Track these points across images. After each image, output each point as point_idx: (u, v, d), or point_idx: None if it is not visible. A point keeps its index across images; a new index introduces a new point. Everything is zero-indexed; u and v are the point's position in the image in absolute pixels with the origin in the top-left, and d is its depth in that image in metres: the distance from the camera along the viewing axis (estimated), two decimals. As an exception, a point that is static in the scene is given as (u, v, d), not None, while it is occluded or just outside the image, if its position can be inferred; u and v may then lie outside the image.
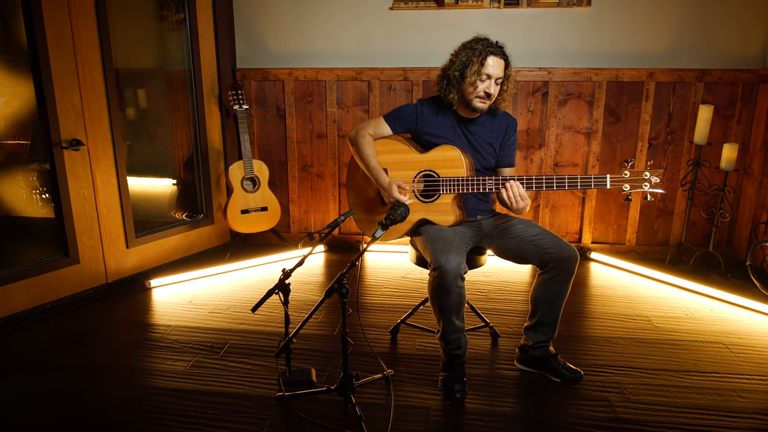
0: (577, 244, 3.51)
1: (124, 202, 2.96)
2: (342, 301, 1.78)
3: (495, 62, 2.05)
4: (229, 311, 2.71)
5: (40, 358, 2.29)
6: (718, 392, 2.05)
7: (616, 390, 2.06)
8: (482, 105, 2.09)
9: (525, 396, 2.04)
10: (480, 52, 2.04)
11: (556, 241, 2.02)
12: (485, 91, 2.06)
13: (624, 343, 2.40)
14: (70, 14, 2.59)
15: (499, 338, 2.43)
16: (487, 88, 2.06)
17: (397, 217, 1.86)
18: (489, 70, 2.04)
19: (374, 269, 3.30)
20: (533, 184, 2.00)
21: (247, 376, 2.15)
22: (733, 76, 3.16)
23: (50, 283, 2.70)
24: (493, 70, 2.05)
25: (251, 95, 3.51)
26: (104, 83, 2.78)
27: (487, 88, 2.06)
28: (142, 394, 2.04)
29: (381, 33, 3.38)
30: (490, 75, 2.05)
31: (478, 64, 2.04)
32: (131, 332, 2.52)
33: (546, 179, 1.97)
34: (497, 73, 2.06)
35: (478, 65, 2.04)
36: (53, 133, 2.60)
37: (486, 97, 2.08)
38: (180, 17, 3.22)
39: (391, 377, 2.11)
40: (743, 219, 3.29)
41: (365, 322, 2.59)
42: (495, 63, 2.05)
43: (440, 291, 1.92)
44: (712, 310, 2.73)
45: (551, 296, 2.04)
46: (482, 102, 2.08)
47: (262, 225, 3.33)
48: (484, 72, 2.04)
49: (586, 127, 3.35)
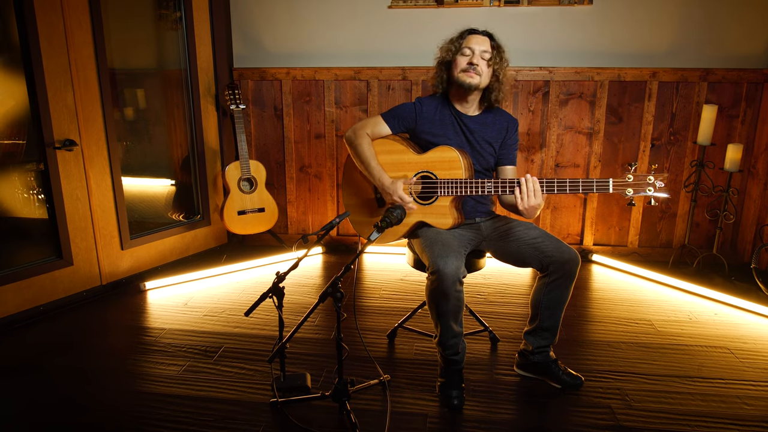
0: (579, 246, 3.46)
1: (119, 203, 2.92)
2: (337, 306, 1.74)
3: (476, 37, 2.08)
4: (225, 314, 2.67)
5: (31, 361, 2.26)
6: (723, 399, 2.00)
7: (618, 397, 2.01)
8: (470, 79, 2.05)
9: (525, 403, 1.99)
10: (460, 34, 2.11)
11: (557, 244, 1.97)
12: (469, 62, 2.05)
13: (626, 348, 2.35)
14: (63, 12, 2.55)
15: (498, 343, 2.39)
16: (470, 59, 2.05)
17: (394, 219, 1.82)
18: (471, 44, 2.06)
19: (372, 271, 3.26)
20: None
21: (241, 381, 2.11)
22: (737, 76, 3.11)
23: (43, 285, 2.66)
24: (475, 45, 2.06)
25: (248, 95, 3.47)
26: (98, 82, 2.74)
27: (470, 59, 2.05)
28: (133, 399, 1.99)
29: (380, 32, 3.34)
30: (471, 48, 2.05)
31: (458, 41, 2.09)
32: (124, 335, 2.48)
33: (546, 182, 1.88)
34: (480, 48, 2.06)
35: (458, 43, 2.08)
36: (46, 133, 2.56)
37: (470, 68, 2.04)
38: (176, 16, 3.18)
39: (387, 383, 2.07)
40: (748, 221, 3.24)
41: (362, 326, 2.55)
42: (476, 38, 2.08)
43: (438, 295, 1.87)
44: (716, 314, 2.68)
45: (552, 300, 1.99)
46: (469, 75, 2.04)
47: (259, 226, 3.29)
48: (465, 46, 2.06)
49: (587, 127, 3.31)
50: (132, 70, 3.28)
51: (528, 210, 1.92)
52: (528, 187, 1.87)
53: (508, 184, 1.94)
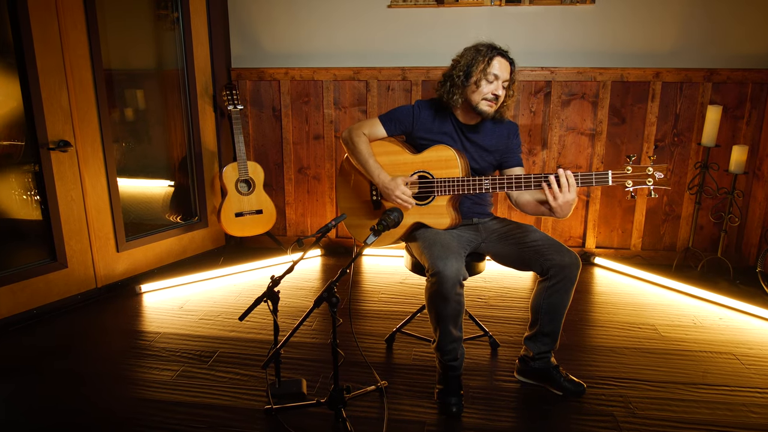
0: (581, 249, 3.41)
1: (114, 204, 2.88)
2: (332, 311, 1.70)
3: (502, 64, 1.97)
4: (220, 318, 2.63)
5: (23, 366, 2.22)
6: (729, 407, 1.95)
7: (621, 404, 1.96)
8: (489, 108, 1.99)
9: (525, 410, 1.95)
10: (486, 53, 1.96)
11: (558, 247, 1.93)
12: (493, 93, 1.96)
13: (629, 354, 2.30)
14: (58, 12, 2.52)
15: (498, 348, 2.34)
16: (495, 89, 1.96)
17: (390, 222, 1.78)
18: (496, 70, 1.95)
19: (371, 274, 3.21)
20: (532, 183, 1.87)
21: (236, 387, 2.07)
22: (742, 76, 3.06)
23: (37, 288, 2.62)
24: (500, 72, 1.96)
25: (246, 95, 3.43)
26: (93, 83, 2.70)
27: (495, 89, 1.96)
28: (125, 405, 1.96)
29: (379, 32, 3.30)
30: (497, 76, 1.96)
31: (484, 63, 1.95)
32: (119, 339, 2.45)
33: (544, 177, 1.81)
34: (504, 75, 1.97)
35: (484, 65, 1.95)
36: (40, 134, 2.53)
37: (494, 99, 1.98)
38: (173, 16, 3.14)
39: (385, 389, 2.02)
40: (753, 223, 3.18)
41: (360, 330, 2.50)
42: (502, 64, 1.97)
43: (438, 298, 1.83)
44: (721, 319, 2.63)
45: (552, 305, 1.95)
46: (489, 105, 1.98)
47: (256, 228, 3.25)
48: (490, 72, 1.95)
49: (590, 128, 3.26)
50: (128, 71, 3.24)
51: (562, 206, 1.79)
52: (562, 182, 1.76)
53: (533, 179, 1.85)
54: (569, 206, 1.80)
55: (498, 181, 1.92)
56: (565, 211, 1.82)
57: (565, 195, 1.77)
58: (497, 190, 1.93)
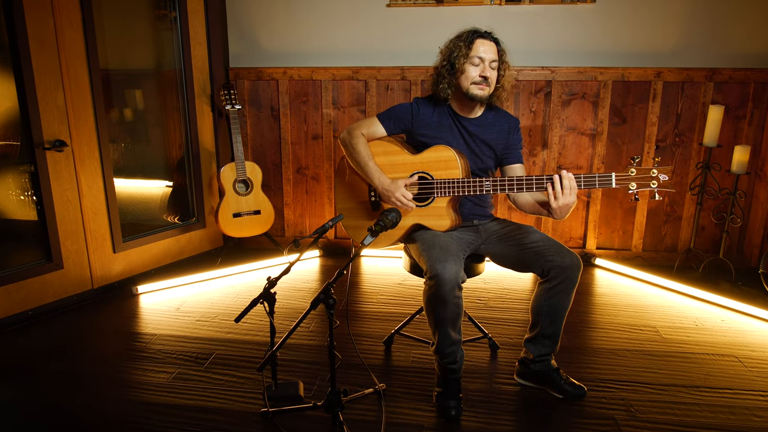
0: (581, 250, 3.39)
1: (111, 205, 2.86)
2: (329, 313, 1.67)
3: (485, 45, 1.95)
4: (217, 319, 2.61)
5: (18, 368, 2.19)
6: (732, 410, 1.92)
7: (622, 407, 1.93)
8: (481, 92, 1.96)
9: (525, 413, 1.92)
10: (466, 37, 1.97)
11: (559, 248, 1.90)
12: (481, 75, 1.94)
13: (630, 356, 2.28)
14: (54, 11, 2.50)
15: (498, 350, 2.31)
16: (482, 71, 1.94)
17: (389, 223, 1.75)
18: (480, 53, 1.94)
19: (370, 275, 3.19)
20: (533, 185, 1.85)
21: (232, 390, 2.04)
22: (744, 76, 3.04)
23: (32, 289, 2.60)
24: (485, 53, 1.95)
25: (244, 95, 3.41)
26: (90, 83, 2.68)
27: (482, 71, 1.94)
28: (120, 407, 1.93)
29: (378, 31, 3.28)
30: (482, 58, 1.94)
31: (465, 48, 1.95)
32: (115, 341, 2.42)
33: (546, 178, 1.80)
34: (490, 56, 1.95)
35: (466, 49, 1.94)
36: (35, 134, 2.50)
37: (483, 81, 1.95)
38: (171, 15, 3.12)
39: (383, 392, 2.00)
40: (755, 224, 3.16)
41: (359, 332, 2.48)
42: (485, 45, 1.95)
43: (436, 301, 1.80)
44: (723, 320, 2.60)
45: (552, 307, 1.92)
46: (480, 89, 1.96)
47: (255, 229, 3.23)
48: (473, 55, 1.94)
49: (590, 128, 3.23)
50: (125, 71, 3.22)
51: (561, 208, 1.78)
52: (564, 185, 1.75)
53: (535, 181, 1.83)
54: (568, 208, 1.80)
55: (498, 183, 1.89)
56: (564, 213, 1.82)
57: (566, 197, 1.76)
58: (498, 192, 1.91)
